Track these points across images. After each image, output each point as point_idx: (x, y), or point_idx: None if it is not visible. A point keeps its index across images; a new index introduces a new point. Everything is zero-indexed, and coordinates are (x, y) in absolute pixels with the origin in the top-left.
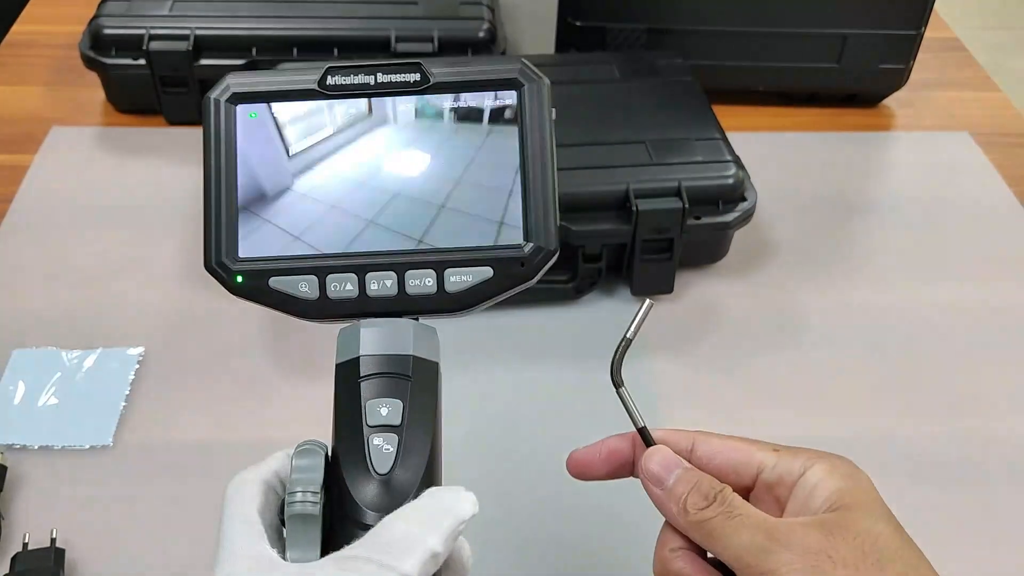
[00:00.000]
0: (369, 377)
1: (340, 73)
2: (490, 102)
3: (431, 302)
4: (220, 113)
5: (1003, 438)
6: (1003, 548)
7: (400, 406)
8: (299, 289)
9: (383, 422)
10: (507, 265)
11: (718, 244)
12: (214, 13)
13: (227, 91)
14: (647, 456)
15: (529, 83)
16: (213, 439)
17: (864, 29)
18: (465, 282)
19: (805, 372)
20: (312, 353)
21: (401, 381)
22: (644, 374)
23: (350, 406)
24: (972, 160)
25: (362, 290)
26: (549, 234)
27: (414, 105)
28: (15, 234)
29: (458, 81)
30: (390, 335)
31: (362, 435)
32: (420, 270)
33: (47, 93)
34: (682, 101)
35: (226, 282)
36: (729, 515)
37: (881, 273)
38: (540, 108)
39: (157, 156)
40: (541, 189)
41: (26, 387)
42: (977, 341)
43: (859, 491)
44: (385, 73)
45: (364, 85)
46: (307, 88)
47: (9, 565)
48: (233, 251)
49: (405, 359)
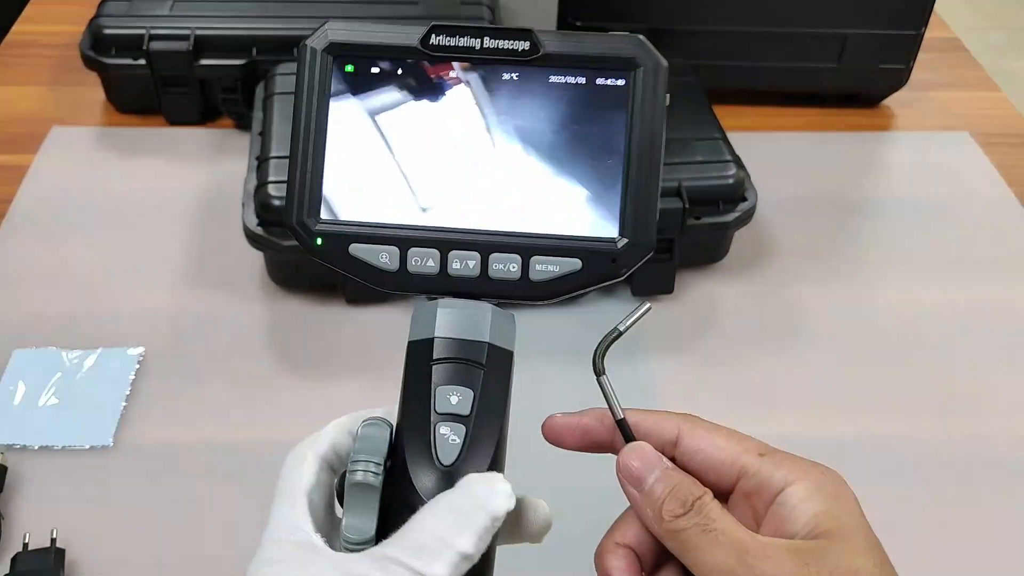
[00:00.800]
0: (442, 361)
1: (445, 33)
2: (601, 80)
3: (513, 288)
4: (315, 63)
5: (1003, 438)
6: (1003, 548)
7: (471, 395)
8: (379, 259)
9: (452, 411)
10: (597, 259)
11: (718, 244)
12: (214, 13)
13: (324, 39)
14: (625, 453)
15: (645, 64)
16: (213, 439)
17: (864, 29)
18: (551, 272)
19: (805, 372)
20: (312, 353)
21: (474, 369)
22: (644, 374)
23: (419, 388)
24: (972, 160)
25: (443, 268)
26: (647, 231)
27: (518, 75)
28: (15, 234)
29: (570, 54)
30: (467, 319)
31: (429, 421)
32: (505, 254)
33: (47, 93)
34: (682, 101)
35: (305, 242)
36: (705, 529)
37: (881, 273)
38: (654, 93)
39: (157, 156)
40: (645, 182)
41: (26, 387)
42: (977, 341)
43: (843, 515)
44: (493, 38)
45: (469, 48)
46: (409, 45)
47: (9, 565)
48: (315, 211)
49: (480, 346)
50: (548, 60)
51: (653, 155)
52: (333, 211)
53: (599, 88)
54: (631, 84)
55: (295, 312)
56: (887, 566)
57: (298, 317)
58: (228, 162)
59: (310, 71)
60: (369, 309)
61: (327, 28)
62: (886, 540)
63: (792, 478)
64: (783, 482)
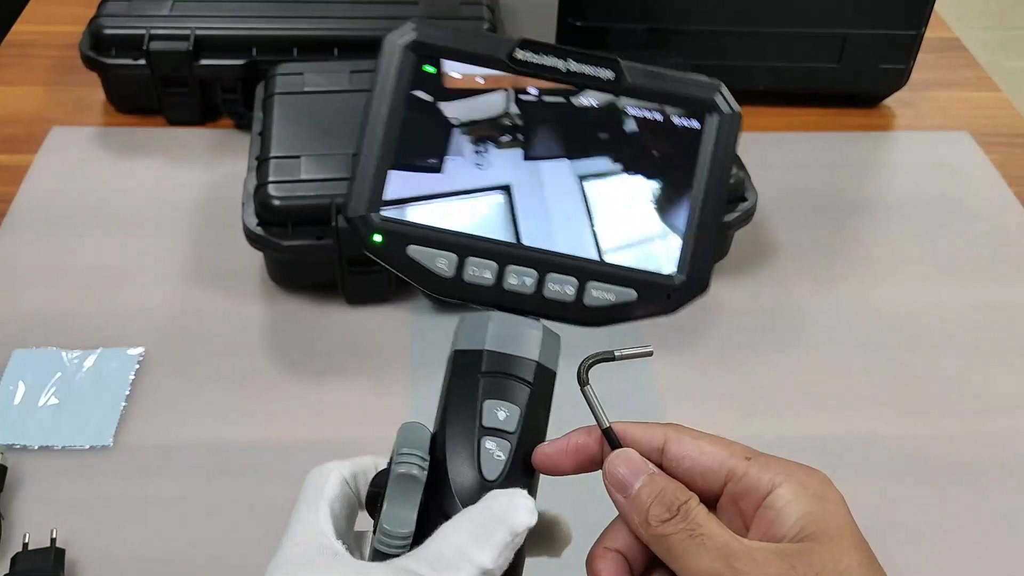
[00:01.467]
0: (491, 375)
1: (531, 49)
2: (677, 119)
3: (565, 310)
4: (395, 58)
5: (1003, 437)
6: (1003, 547)
7: (517, 412)
8: (436, 264)
9: (498, 426)
10: (653, 293)
11: (718, 244)
12: (214, 13)
13: (409, 36)
14: (611, 459)
15: (723, 111)
16: (213, 439)
17: (864, 29)
18: (605, 299)
19: (805, 372)
20: (312, 353)
21: (522, 386)
22: (644, 374)
23: (466, 399)
24: (972, 160)
25: (499, 280)
26: (703, 272)
27: (596, 102)
28: (15, 234)
29: (653, 89)
30: (518, 335)
31: (474, 433)
32: (563, 275)
33: (47, 93)
34: None
35: (363, 238)
36: (691, 533)
37: (881, 273)
38: (727, 140)
39: (157, 156)
40: (708, 225)
41: (26, 387)
42: (977, 341)
43: (829, 516)
44: (578, 62)
45: (553, 69)
46: (494, 56)
47: (9, 565)
48: (376, 207)
49: (529, 364)
50: (631, 91)
51: (718, 200)
52: (394, 210)
53: (674, 127)
54: (705, 127)
55: (295, 312)
56: (874, 566)
57: (298, 317)
58: (228, 162)
59: (387, 64)
60: (369, 309)
61: (412, 25)
62: (886, 540)
63: (779, 480)
64: (770, 485)
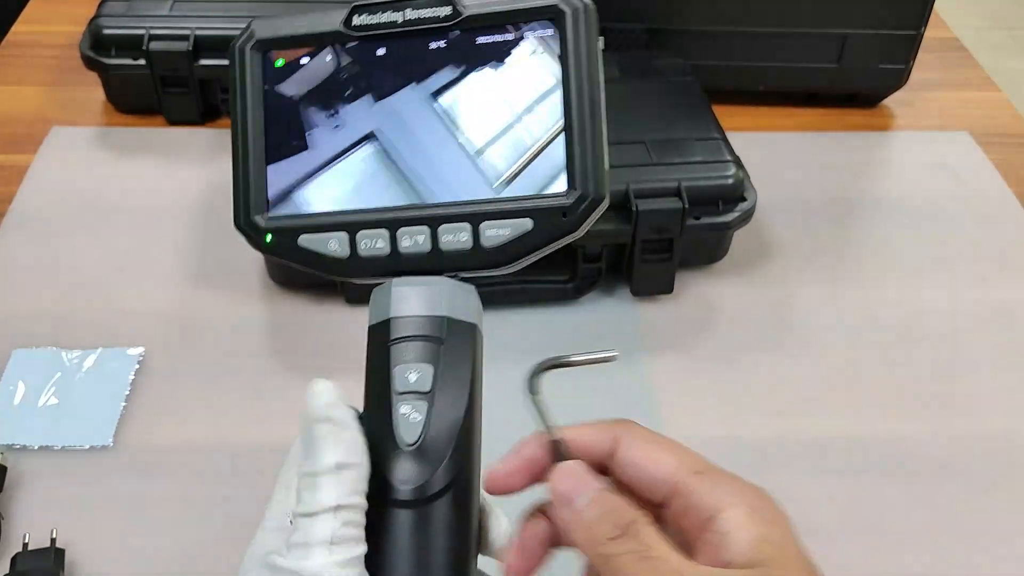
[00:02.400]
0: (399, 341)
1: (367, 12)
2: (530, 32)
3: (467, 258)
4: (245, 62)
5: (1003, 438)
6: (1003, 548)
7: (430, 371)
8: (329, 247)
9: (411, 388)
10: (548, 216)
11: (718, 244)
12: (214, 13)
13: (251, 38)
14: (558, 472)
15: (572, 10)
16: (213, 439)
17: (864, 29)
18: (503, 236)
19: (805, 372)
20: (312, 353)
21: (432, 344)
22: (644, 374)
23: (379, 371)
24: (972, 160)
25: (394, 247)
26: (597, 181)
27: (445, 42)
28: (15, 234)
29: (491, 12)
30: (422, 295)
31: (389, 402)
32: (454, 223)
33: (47, 93)
34: (682, 101)
35: (256, 242)
36: (641, 555)
37: (881, 273)
38: (585, 38)
39: (157, 156)
40: (589, 130)
41: (26, 387)
42: (977, 341)
43: (779, 542)
44: (414, 9)
45: (392, 23)
46: (333, 30)
47: (9, 565)
48: (262, 209)
49: (438, 321)
50: (471, 21)
51: (594, 102)
52: (279, 207)
53: (529, 42)
54: (561, 32)
55: (295, 312)
56: None
57: (298, 317)
58: (228, 162)
59: (240, 71)
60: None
61: (253, 27)
62: (886, 540)
63: (727, 502)
64: (717, 506)
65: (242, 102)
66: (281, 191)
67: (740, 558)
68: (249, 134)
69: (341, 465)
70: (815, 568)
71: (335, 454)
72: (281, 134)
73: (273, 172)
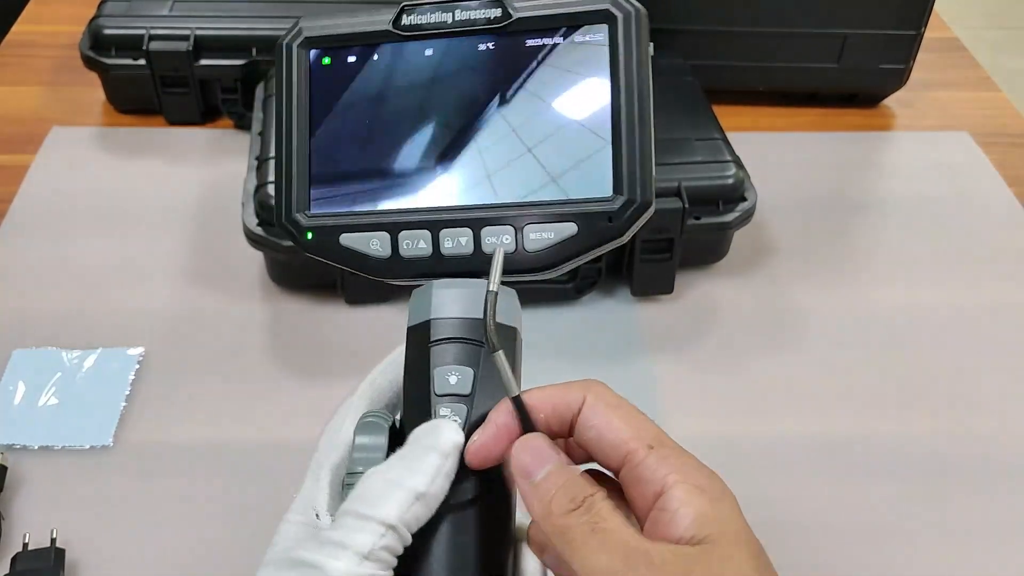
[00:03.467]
0: (439, 343)
1: (416, 12)
2: (580, 37)
3: (509, 261)
4: (292, 59)
5: (1003, 438)
6: (1003, 548)
7: (471, 374)
8: (370, 246)
9: (451, 391)
10: (593, 221)
11: (718, 244)
12: (214, 13)
13: (299, 36)
14: (519, 445)
15: (623, 14)
16: (213, 439)
17: (864, 29)
18: (546, 239)
19: (805, 372)
20: (312, 353)
21: (473, 347)
22: (644, 374)
23: (419, 373)
24: (972, 160)
25: (436, 248)
26: (643, 186)
27: (494, 44)
28: (15, 234)
29: (542, 15)
30: (464, 297)
31: (429, 404)
32: (498, 226)
33: (47, 93)
34: (682, 101)
35: (297, 239)
36: (593, 528)
37: (881, 273)
38: (636, 43)
39: (157, 156)
40: (638, 135)
41: (26, 387)
42: (977, 341)
43: (723, 520)
44: (464, 10)
45: (441, 24)
46: (382, 29)
47: (9, 565)
48: (305, 206)
49: (478, 323)
50: (522, 24)
51: (643, 107)
52: (322, 204)
53: (579, 45)
54: (611, 37)
55: (295, 312)
56: (769, 570)
57: (298, 317)
58: (228, 162)
59: (287, 69)
60: (369, 309)
61: (301, 25)
62: (886, 540)
63: (673, 479)
64: (663, 482)
65: (288, 99)
66: (324, 189)
67: (686, 534)
68: (294, 131)
69: (421, 496)
70: (759, 547)
71: (426, 484)
72: (326, 132)
73: (316, 169)
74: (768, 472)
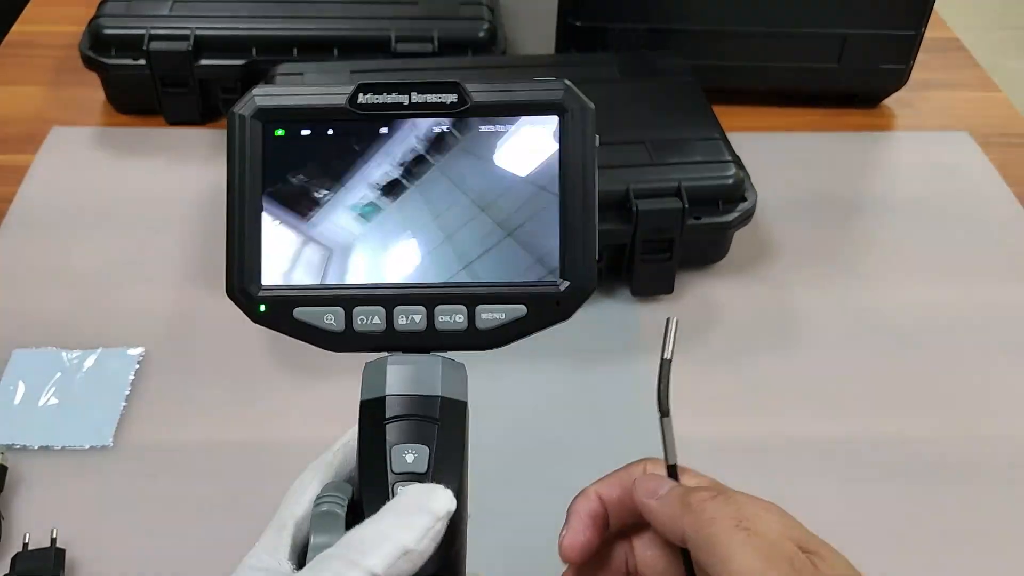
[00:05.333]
0: (395, 419)
1: (372, 91)
2: (530, 126)
3: (461, 338)
4: (245, 130)
5: (1003, 437)
6: (1003, 548)
7: (427, 452)
8: (324, 321)
9: (408, 469)
10: (542, 303)
11: (718, 244)
12: (214, 13)
13: (252, 106)
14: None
15: (573, 109)
16: (213, 439)
17: (864, 29)
18: (497, 319)
19: (805, 372)
20: (312, 353)
21: (428, 424)
22: (644, 374)
23: (375, 449)
24: (972, 160)
25: (389, 324)
26: (587, 271)
27: (447, 128)
28: (15, 234)
29: (498, 102)
30: (417, 374)
31: (386, 481)
32: (450, 305)
33: (47, 93)
34: (682, 101)
35: (248, 310)
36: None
37: (881, 273)
38: (583, 136)
39: (157, 156)
40: (581, 224)
41: (26, 387)
42: (977, 341)
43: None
44: (420, 93)
45: (397, 105)
46: (337, 106)
47: (9, 565)
48: (256, 278)
49: (432, 401)
50: (477, 110)
51: (587, 197)
52: (274, 276)
53: (531, 134)
54: (562, 129)
55: None
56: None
57: None
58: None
59: (240, 138)
60: None
61: (254, 94)
62: (886, 540)
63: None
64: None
65: (240, 168)
66: (276, 262)
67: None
68: (246, 202)
69: (408, 552)
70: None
71: (415, 541)
72: (278, 203)
73: (268, 241)
74: (768, 472)
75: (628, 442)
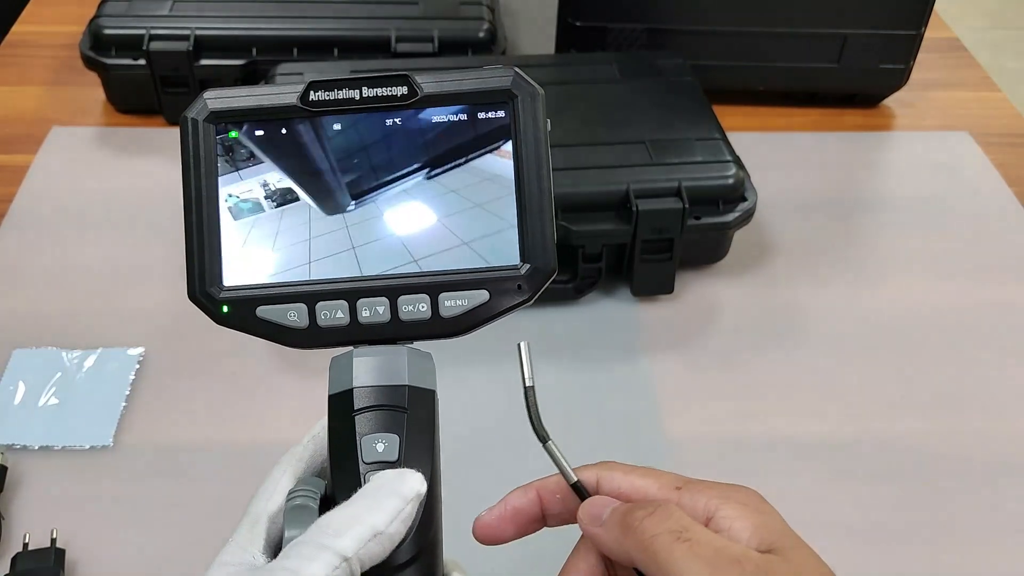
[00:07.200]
0: (363, 411)
1: (323, 88)
2: (482, 114)
3: (425, 327)
4: (198, 133)
5: (1003, 437)
6: (1004, 548)
7: (396, 441)
8: (288, 318)
9: (379, 459)
10: (503, 287)
11: (718, 244)
12: (214, 13)
13: (204, 109)
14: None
15: (522, 94)
16: (213, 439)
17: (864, 29)
18: (460, 306)
19: (805, 372)
20: (312, 353)
21: (397, 414)
22: (644, 374)
23: (345, 441)
24: (972, 160)
25: (353, 317)
26: (547, 254)
27: (400, 120)
28: (15, 234)
29: (448, 93)
30: (384, 365)
31: (358, 471)
32: (413, 295)
33: (47, 93)
34: (682, 101)
35: (212, 313)
36: (679, 536)
37: (881, 273)
38: (534, 120)
39: (157, 156)
40: (537, 207)
41: (26, 387)
42: (977, 341)
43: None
44: (370, 87)
45: (348, 100)
46: (288, 104)
47: (9, 565)
48: (218, 280)
49: (400, 390)
50: (428, 101)
51: (542, 180)
52: (235, 277)
53: (482, 122)
54: (513, 114)
55: None
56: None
57: None
58: None
59: (194, 142)
60: None
61: (205, 97)
62: (886, 540)
63: (715, 503)
64: (706, 508)
65: (195, 172)
66: (236, 263)
67: (750, 544)
68: (203, 206)
69: (379, 534)
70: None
71: (385, 523)
72: (235, 204)
73: (227, 243)
74: (768, 471)
75: (627, 442)
